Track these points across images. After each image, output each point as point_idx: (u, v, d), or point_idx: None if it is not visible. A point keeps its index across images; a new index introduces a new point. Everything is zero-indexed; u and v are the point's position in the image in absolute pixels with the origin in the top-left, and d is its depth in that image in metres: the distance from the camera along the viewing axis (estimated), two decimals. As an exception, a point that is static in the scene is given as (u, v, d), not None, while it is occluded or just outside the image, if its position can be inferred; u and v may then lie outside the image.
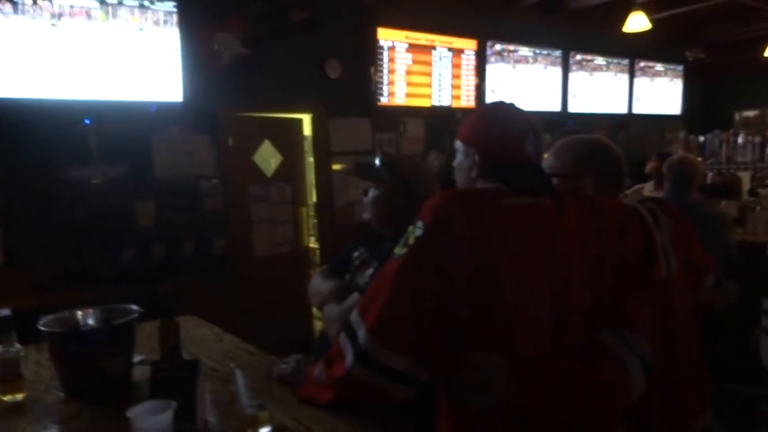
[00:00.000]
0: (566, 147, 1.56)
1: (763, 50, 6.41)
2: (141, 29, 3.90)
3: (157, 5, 3.93)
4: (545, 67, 6.51)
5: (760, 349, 1.90)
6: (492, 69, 6.04)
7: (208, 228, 4.37)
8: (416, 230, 1.19)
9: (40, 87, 3.59)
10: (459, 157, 1.36)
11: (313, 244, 5.48)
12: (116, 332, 1.47)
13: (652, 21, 5.03)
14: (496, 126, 1.32)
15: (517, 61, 6.25)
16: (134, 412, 1.12)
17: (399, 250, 1.20)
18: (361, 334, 1.21)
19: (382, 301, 1.19)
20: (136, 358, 1.68)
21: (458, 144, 1.37)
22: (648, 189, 4.72)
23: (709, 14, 7.53)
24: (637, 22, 4.88)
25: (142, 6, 3.87)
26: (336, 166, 5.13)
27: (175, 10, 3.98)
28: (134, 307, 1.58)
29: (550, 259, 1.20)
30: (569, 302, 1.21)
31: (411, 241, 1.18)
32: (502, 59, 6.13)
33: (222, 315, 2.85)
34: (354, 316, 1.25)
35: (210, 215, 4.40)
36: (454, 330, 1.17)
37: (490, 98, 5.89)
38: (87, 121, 3.75)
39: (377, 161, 1.79)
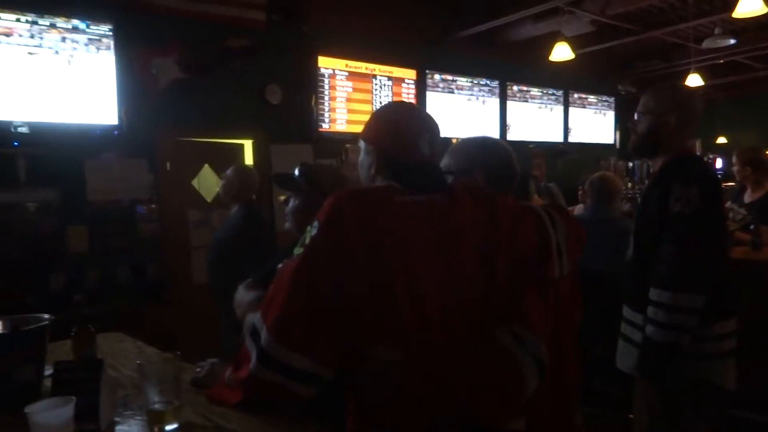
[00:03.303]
0: (458, 147, 1.62)
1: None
2: (76, 51, 3.88)
3: (92, 28, 3.92)
4: (484, 97, 6.76)
5: (617, 352, 2.03)
6: (432, 97, 6.23)
7: (144, 253, 4.30)
8: (312, 230, 1.20)
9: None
10: (361, 155, 1.40)
11: (255, 270, 5.43)
12: (25, 338, 1.44)
13: (580, 55, 5.34)
14: (391, 125, 1.37)
15: (457, 91, 6.47)
16: (33, 408, 1.11)
17: (297, 250, 1.22)
18: (263, 334, 1.21)
19: (280, 301, 1.20)
20: (49, 371, 1.64)
21: (361, 142, 1.41)
22: (578, 210, 4.91)
23: (632, 51, 8.06)
24: (562, 52, 5.20)
25: (76, 28, 3.86)
26: (278, 192, 5.15)
27: (110, 33, 3.99)
28: (45, 315, 1.55)
29: (440, 255, 1.23)
30: (460, 297, 1.23)
31: (307, 240, 1.20)
32: (442, 88, 6.34)
33: (156, 340, 2.80)
34: (257, 317, 1.25)
35: (146, 241, 4.33)
36: (350, 327, 1.18)
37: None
38: (15, 144, 3.67)
39: (296, 172, 1.84)
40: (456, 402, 1.20)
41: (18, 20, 3.64)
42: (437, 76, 6.28)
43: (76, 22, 3.86)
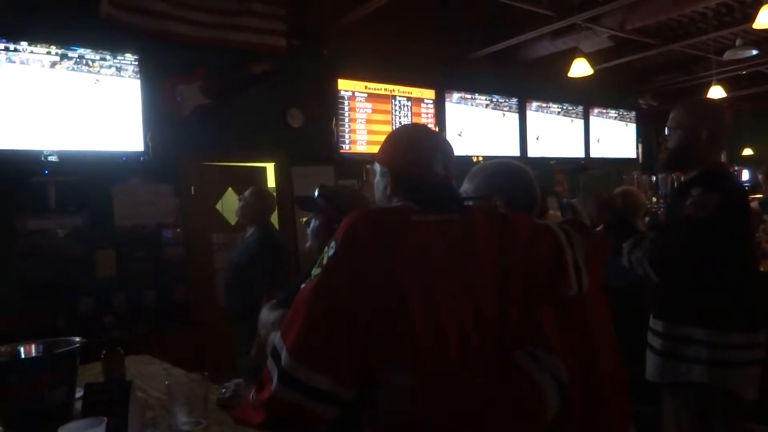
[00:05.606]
0: (478, 171, 1.62)
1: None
2: (102, 80, 4.00)
3: (119, 58, 4.05)
4: (503, 114, 6.77)
5: (645, 363, 2.03)
6: (451, 116, 6.25)
7: (170, 276, 4.36)
8: (329, 250, 1.21)
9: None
10: (377, 177, 1.42)
11: (278, 291, 5.47)
12: (56, 361, 1.48)
13: (599, 70, 5.33)
14: (404, 146, 1.39)
15: (476, 109, 6.50)
16: (65, 429, 1.14)
17: (315, 271, 1.22)
18: (284, 355, 1.21)
19: (299, 321, 1.20)
20: (80, 393, 1.68)
21: (375, 165, 1.43)
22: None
23: (653, 65, 8.01)
24: (581, 68, 5.20)
25: (103, 59, 3.99)
26: (300, 214, 5.20)
27: (136, 62, 4.11)
28: (76, 338, 1.59)
29: (456, 275, 1.23)
30: (476, 317, 1.23)
31: (324, 261, 1.21)
32: (461, 107, 6.36)
33: (182, 361, 2.83)
34: (277, 338, 1.26)
35: (172, 264, 4.40)
36: (367, 347, 1.18)
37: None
38: (45, 171, 3.78)
39: (316, 193, 1.88)
40: (475, 427, 1.18)
41: (48, 53, 3.77)
42: (456, 95, 6.32)
43: (103, 53, 3.99)
